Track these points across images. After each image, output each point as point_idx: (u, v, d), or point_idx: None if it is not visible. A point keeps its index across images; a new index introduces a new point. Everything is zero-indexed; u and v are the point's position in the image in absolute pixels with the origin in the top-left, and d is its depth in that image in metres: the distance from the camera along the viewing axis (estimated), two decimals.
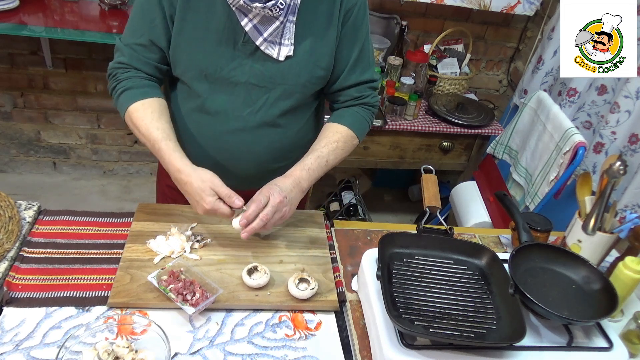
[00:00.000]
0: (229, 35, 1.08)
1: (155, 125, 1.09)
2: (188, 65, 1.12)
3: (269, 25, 1.06)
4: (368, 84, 1.23)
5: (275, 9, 1.02)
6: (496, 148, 2.25)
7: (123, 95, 1.13)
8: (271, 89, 1.14)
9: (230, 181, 1.27)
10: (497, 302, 0.99)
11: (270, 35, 1.07)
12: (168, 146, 1.08)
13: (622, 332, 1.05)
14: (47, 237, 1.12)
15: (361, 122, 1.25)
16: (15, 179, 2.77)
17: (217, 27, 1.07)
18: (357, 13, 1.14)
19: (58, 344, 0.91)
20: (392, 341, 0.90)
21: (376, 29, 2.51)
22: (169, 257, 1.09)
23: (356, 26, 1.15)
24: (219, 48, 1.09)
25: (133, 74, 1.14)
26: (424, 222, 1.10)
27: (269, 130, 1.19)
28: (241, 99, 1.15)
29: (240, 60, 1.10)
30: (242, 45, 1.09)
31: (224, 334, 0.98)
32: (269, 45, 1.08)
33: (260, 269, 1.07)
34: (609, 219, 1.13)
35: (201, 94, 1.15)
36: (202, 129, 1.20)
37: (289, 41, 1.09)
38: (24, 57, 2.40)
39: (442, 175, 2.28)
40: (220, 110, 1.16)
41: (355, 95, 1.23)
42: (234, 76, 1.11)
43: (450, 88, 2.51)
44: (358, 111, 1.25)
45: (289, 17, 1.07)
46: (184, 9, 1.07)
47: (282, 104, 1.16)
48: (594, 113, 2.14)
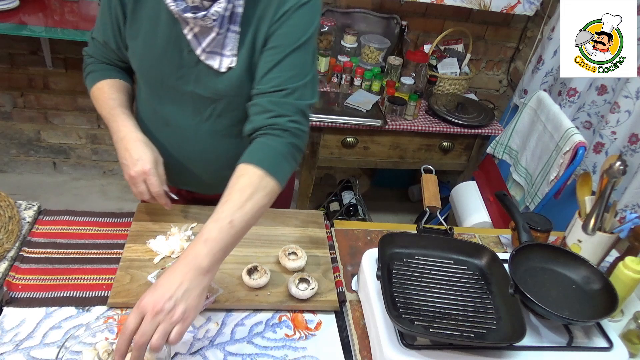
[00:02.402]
0: (175, 44, 1.04)
1: (111, 96, 1.12)
2: (140, 71, 1.13)
3: (207, 36, 1.01)
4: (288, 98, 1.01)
5: (208, 20, 0.97)
6: (496, 148, 2.25)
7: (89, 77, 1.18)
8: (217, 99, 1.09)
9: (192, 187, 1.28)
10: (497, 302, 0.99)
11: (209, 46, 1.02)
12: (123, 112, 1.10)
13: (622, 332, 1.05)
14: (47, 237, 1.12)
15: (277, 156, 0.99)
16: (15, 179, 2.77)
17: (163, 34, 1.04)
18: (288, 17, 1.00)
19: (58, 344, 0.91)
20: (392, 341, 0.90)
21: (376, 29, 2.51)
22: (169, 257, 1.10)
23: (286, 31, 1.01)
24: (166, 56, 1.05)
25: (95, 60, 1.19)
26: (424, 222, 1.10)
27: (222, 139, 1.16)
28: (190, 108, 1.12)
29: (186, 70, 1.06)
30: (188, 54, 1.04)
31: (224, 334, 0.98)
32: (209, 55, 1.03)
33: (260, 269, 1.07)
34: (609, 219, 1.13)
35: (154, 100, 1.15)
36: (160, 135, 1.19)
37: (231, 52, 1.03)
38: (24, 57, 2.40)
39: (442, 175, 2.28)
40: (170, 119, 1.15)
41: (267, 108, 1.01)
42: (180, 85, 1.08)
43: (450, 88, 2.51)
44: (271, 142, 1.00)
45: (230, 27, 1.01)
46: (133, 17, 1.05)
47: (232, 114, 1.12)
48: (594, 113, 2.14)
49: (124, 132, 1.08)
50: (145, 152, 1.05)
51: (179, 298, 0.81)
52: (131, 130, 1.08)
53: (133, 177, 1.04)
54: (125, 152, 1.06)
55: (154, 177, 1.04)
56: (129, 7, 1.05)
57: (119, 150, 1.08)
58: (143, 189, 1.05)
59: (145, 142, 1.07)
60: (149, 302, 0.79)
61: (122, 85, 1.17)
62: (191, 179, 1.26)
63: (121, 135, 1.08)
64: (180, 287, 0.81)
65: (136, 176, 1.04)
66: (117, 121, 1.09)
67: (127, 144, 1.06)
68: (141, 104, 1.22)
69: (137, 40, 1.07)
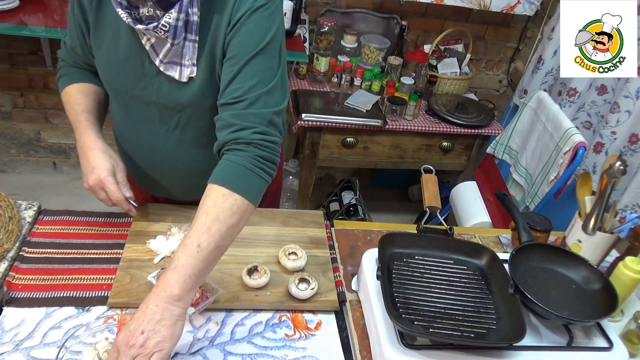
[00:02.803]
0: (135, 54, 1.02)
1: (78, 102, 1.12)
2: (105, 81, 1.12)
3: (162, 47, 0.98)
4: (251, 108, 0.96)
5: (160, 31, 0.93)
6: (496, 148, 2.25)
7: (60, 81, 1.18)
8: (180, 110, 1.06)
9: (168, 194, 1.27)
10: (497, 302, 0.99)
11: (166, 57, 0.99)
12: (87, 119, 1.09)
13: (622, 332, 1.05)
14: (47, 237, 1.12)
15: (240, 173, 0.94)
16: (15, 179, 2.77)
17: (124, 44, 1.02)
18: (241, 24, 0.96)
19: (58, 344, 0.91)
20: (392, 341, 0.90)
21: (376, 29, 2.51)
22: (168, 257, 1.09)
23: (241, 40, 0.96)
24: (127, 66, 1.04)
25: (67, 64, 1.18)
26: (424, 222, 1.10)
27: (190, 149, 1.14)
28: (156, 118, 1.10)
29: (148, 80, 1.04)
30: (149, 65, 1.02)
31: (224, 334, 0.98)
32: (168, 66, 1.00)
33: (260, 269, 1.07)
34: (609, 219, 1.13)
35: (121, 110, 1.14)
36: (132, 143, 1.19)
37: (189, 61, 0.99)
38: (24, 57, 2.40)
39: (442, 175, 2.28)
40: (138, 128, 1.14)
41: (229, 122, 0.97)
42: (144, 96, 1.06)
43: (450, 88, 2.51)
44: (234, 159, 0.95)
45: (187, 36, 0.97)
46: (95, 26, 1.04)
47: (198, 124, 1.09)
48: (594, 113, 2.14)
49: (84, 140, 1.07)
50: (102, 160, 1.05)
51: (151, 330, 0.82)
52: (91, 139, 1.07)
53: (91, 186, 1.04)
54: (84, 160, 1.07)
55: (111, 185, 1.03)
56: (91, 17, 1.03)
57: (80, 158, 1.08)
58: (103, 196, 1.05)
59: (103, 150, 1.06)
60: (123, 339, 0.81)
61: (91, 90, 1.16)
62: (165, 187, 1.25)
63: (81, 143, 1.08)
64: (152, 319, 0.82)
65: (93, 185, 1.04)
66: (79, 128, 1.09)
67: (85, 152, 1.06)
68: (112, 110, 1.21)
69: (101, 50, 1.06)
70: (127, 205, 1.08)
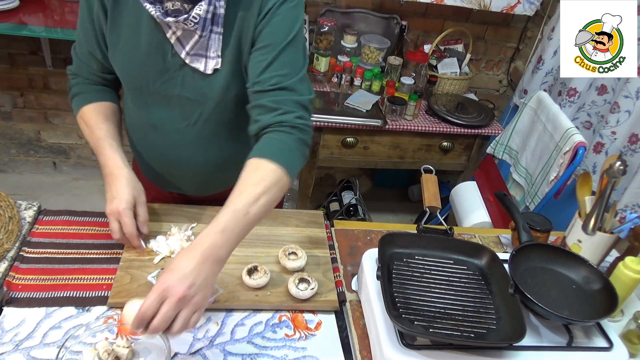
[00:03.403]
0: (157, 48, 1.03)
1: (99, 126, 1.11)
2: (124, 78, 1.12)
3: (190, 39, 1.01)
4: (289, 95, 1.01)
5: (190, 23, 0.96)
6: (496, 148, 2.25)
7: (74, 100, 1.16)
8: (204, 102, 1.08)
9: (183, 189, 1.28)
10: (497, 302, 0.99)
11: (193, 49, 1.02)
12: (111, 145, 1.09)
13: (622, 332, 1.05)
14: (47, 237, 1.12)
15: (289, 151, 0.99)
16: (15, 179, 2.77)
17: (146, 40, 1.03)
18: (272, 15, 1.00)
19: (58, 344, 0.91)
20: (392, 341, 0.90)
21: (376, 29, 2.51)
22: (169, 257, 1.09)
23: (273, 30, 1.01)
24: (149, 61, 1.05)
25: (81, 80, 1.17)
26: (424, 222, 1.10)
27: (210, 142, 1.16)
28: (177, 112, 1.11)
29: (171, 73, 1.06)
30: (172, 58, 1.04)
31: (224, 334, 0.98)
32: (193, 58, 1.03)
33: (260, 269, 1.07)
34: (609, 219, 1.13)
35: (141, 106, 1.14)
36: (148, 141, 1.20)
37: (215, 53, 1.02)
38: (24, 57, 2.41)
39: (442, 175, 2.28)
40: (158, 124, 1.14)
41: (271, 107, 1.00)
42: (166, 89, 1.08)
43: (450, 88, 2.51)
44: (281, 138, 0.99)
45: (213, 29, 1.00)
46: (114, 23, 1.04)
47: (218, 117, 1.12)
48: (594, 113, 2.14)
49: (110, 167, 1.07)
50: (125, 191, 1.04)
51: (199, 286, 0.81)
52: (117, 166, 1.07)
53: (108, 214, 1.04)
54: (108, 187, 1.06)
55: (127, 219, 1.03)
56: (109, 15, 1.04)
57: (105, 184, 1.08)
58: (115, 227, 1.04)
59: (128, 179, 1.06)
60: (172, 288, 0.79)
61: (109, 110, 1.15)
62: (181, 182, 1.26)
63: (107, 170, 1.07)
64: (200, 275, 0.82)
65: (110, 214, 1.04)
66: (104, 155, 1.08)
67: (111, 180, 1.06)
68: (128, 110, 1.21)
69: (117, 48, 1.06)
70: (137, 242, 1.07)
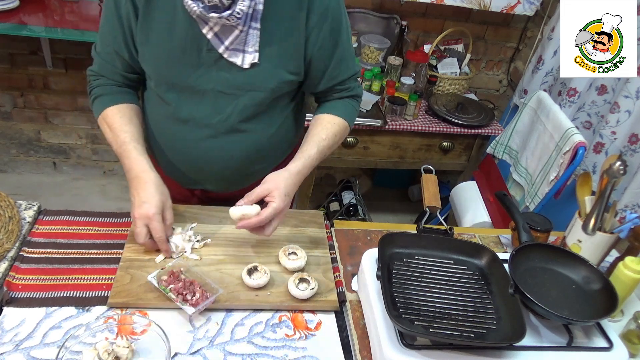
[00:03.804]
0: (192, 44, 1.06)
1: (123, 129, 1.12)
2: (155, 75, 1.13)
3: (229, 34, 1.04)
4: (352, 77, 1.24)
5: (233, 19, 1.00)
6: (496, 148, 2.25)
7: (96, 102, 1.17)
8: (239, 95, 1.12)
9: (208, 186, 1.29)
10: (497, 302, 0.99)
11: (232, 44, 1.05)
12: (136, 148, 1.10)
13: (622, 332, 1.05)
14: (47, 237, 1.12)
15: (352, 113, 1.27)
16: (15, 179, 2.77)
17: (180, 36, 1.05)
18: (332, 14, 1.10)
19: (58, 344, 0.91)
20: (392, 341, 0.90)
21: (376, 29, 2.51)
22: (169, 257, 1.09)
23: (334, 28, 1.12)
24: (184, 57, 1.07)
25: (104, 81, 1.17)
26: (424, 222, 1.10)
27: (240, 136, 1.18)
28: (210, 107, 1.13)
29: (205, 68, 1.08)
30: (207, 53, 1.07)
31: (224, 334, 0.98)
32: (232, 53, 1.06)
33: (260, 269, 1.07)
34: (609, 219, 1.13)
35: (171, 102, 1.15)
36: (175, 137, 1.20)
37: (253, 48, 1.06)
38: (24, 57, 2.41)
39: (442, 175, 2.28)
40: (189, 119, 1.16)
41: (342, 89, 1.24)
42: (200, 84, 1.10)
43: (450, 88, 2.51)
44: (350, 102, 1.26)
45: (251, 24, 1.04)
46: (146, 20, 1.05)
47: (252, 110, 1.15)
48: (594, 113, 2.14)
49: (136, 170, 1.08)
50: (154, 195, 1.05)
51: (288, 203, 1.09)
52: (143, 170, 1.08)
53: (136, 218, 1.05)
54: (134, 191, 1.07)
55: (157, 223, 1.04)
56: (140, 12, 1.05)
57: (130, 187, 1.08)
58: (142, 231, 1.05)
59: (156, 184, 1.07)
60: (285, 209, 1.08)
61: (132, 112, 1.16)
62: (206, 178, 1.26)
63: (133, 174, 1.08)
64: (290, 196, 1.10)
65: (139, 218, 1.04)
66: (129, 158, 1.09)
67: (137, 184, 1.07)
68: (153, 106, 1.21)
69: (149, 44, 1.08)
70: (166, 246, 1.07)
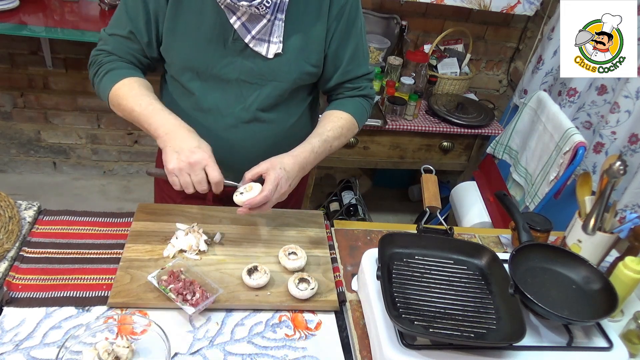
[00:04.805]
0: (219, 33, 1.09)
1: (145, 93, 1.10)
2: (180, 63, 1.15)
3: (256, 23, 1.07)
4: (364, 77, 1.26)
5: (262, 7, 1.04)
6: (496, 148, 2.25)
7: (107, 76, 1.12)
8: (262, 85, 1.15)
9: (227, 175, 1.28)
10: (497, 302, 0.99)
11: (259, 33, 1.09)
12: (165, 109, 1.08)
13: (622, 332, 1.05)
14: (47, 237, 1.12)
15: (362, 112, 1.28)
16: (15, 179, 2.77)
17: (208, 25, 1.08)
18: (349, 9, 1.14)
19: (58, 344, 0.91)
20: (392, 341, 0.90)
21: (376, 29, 2.51)
22: (168, 258, 1.09)
23: (349, 23, 1.16)
24: (210, 46, 1.10)
25: (115, 58, 1.15)
26: (424, 222, 1.10)
27: (261, 125, 1.21)
28: (233, 96, 1.16)
29: (230, 58, 1.12)
30: (232, 43, 1.10)
31: (224, 334, 0.98)
32: (257, 42, 1.10)
33: (260, 269, 1.07)
34: (609, 219, 1.13)
35: (194, 91, 1.17)
36: (196, 126, 1.18)
37: (277, 39, 1.10)
38: (24, 57, 2.41)
39: (442, 175, 2.28)
40: (212, 108, 1.18)
41: (353, 87, 1.26)
42: (225, 73, 1.13)
43: (450, 88, 2.51)
44: (360, 101, 1.28)
45: (277, 15, 1.08)
46: (175, 9, 1.08)
47: (273, 99, 1.18)
48: (594, 113, 2.14)
49: (172, 124, 1.06)
50: (202, 141, 1.04)
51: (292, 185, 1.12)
52: (180, 123, 1.06)
53: (192, 163, 1.00)
54: (178, 140, 1.03)
55: (215, 165, 1.03)
56: (171, 2, 1.07)
57: (167, 142, 1.04)
58: (190, 179, 1.01)
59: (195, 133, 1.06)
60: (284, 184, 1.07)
61: (148, 85, 1.16)
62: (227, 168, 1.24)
63: (169, 127, 1.05)
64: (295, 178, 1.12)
65: (195, 163, 1.00)
66: (159, 114, 1.07)
67: (178, 134, 1.04)
68: (174, 98, 1.22)
69: (177, 33, 1.10)
70: (222, 187, 1.05)
